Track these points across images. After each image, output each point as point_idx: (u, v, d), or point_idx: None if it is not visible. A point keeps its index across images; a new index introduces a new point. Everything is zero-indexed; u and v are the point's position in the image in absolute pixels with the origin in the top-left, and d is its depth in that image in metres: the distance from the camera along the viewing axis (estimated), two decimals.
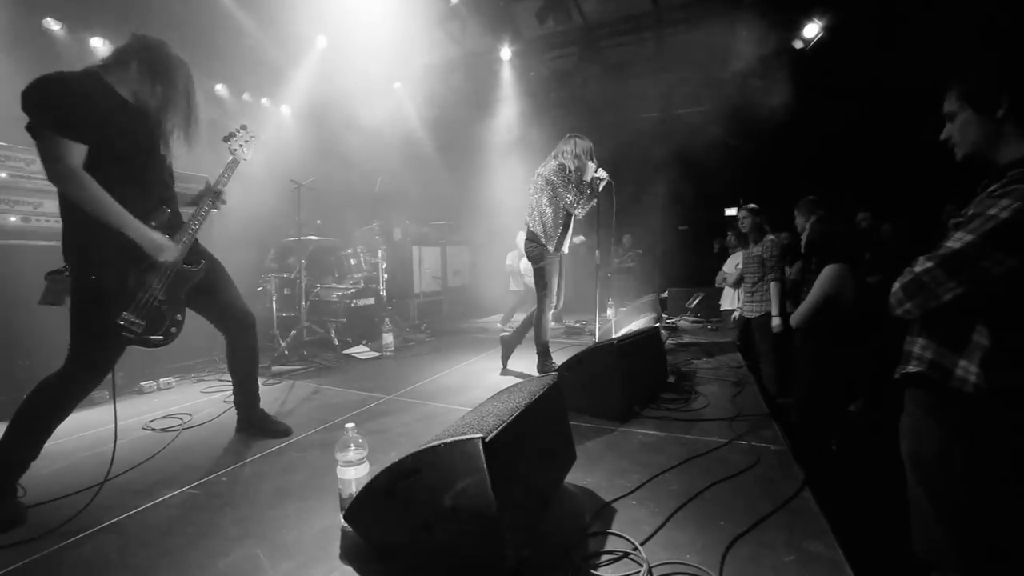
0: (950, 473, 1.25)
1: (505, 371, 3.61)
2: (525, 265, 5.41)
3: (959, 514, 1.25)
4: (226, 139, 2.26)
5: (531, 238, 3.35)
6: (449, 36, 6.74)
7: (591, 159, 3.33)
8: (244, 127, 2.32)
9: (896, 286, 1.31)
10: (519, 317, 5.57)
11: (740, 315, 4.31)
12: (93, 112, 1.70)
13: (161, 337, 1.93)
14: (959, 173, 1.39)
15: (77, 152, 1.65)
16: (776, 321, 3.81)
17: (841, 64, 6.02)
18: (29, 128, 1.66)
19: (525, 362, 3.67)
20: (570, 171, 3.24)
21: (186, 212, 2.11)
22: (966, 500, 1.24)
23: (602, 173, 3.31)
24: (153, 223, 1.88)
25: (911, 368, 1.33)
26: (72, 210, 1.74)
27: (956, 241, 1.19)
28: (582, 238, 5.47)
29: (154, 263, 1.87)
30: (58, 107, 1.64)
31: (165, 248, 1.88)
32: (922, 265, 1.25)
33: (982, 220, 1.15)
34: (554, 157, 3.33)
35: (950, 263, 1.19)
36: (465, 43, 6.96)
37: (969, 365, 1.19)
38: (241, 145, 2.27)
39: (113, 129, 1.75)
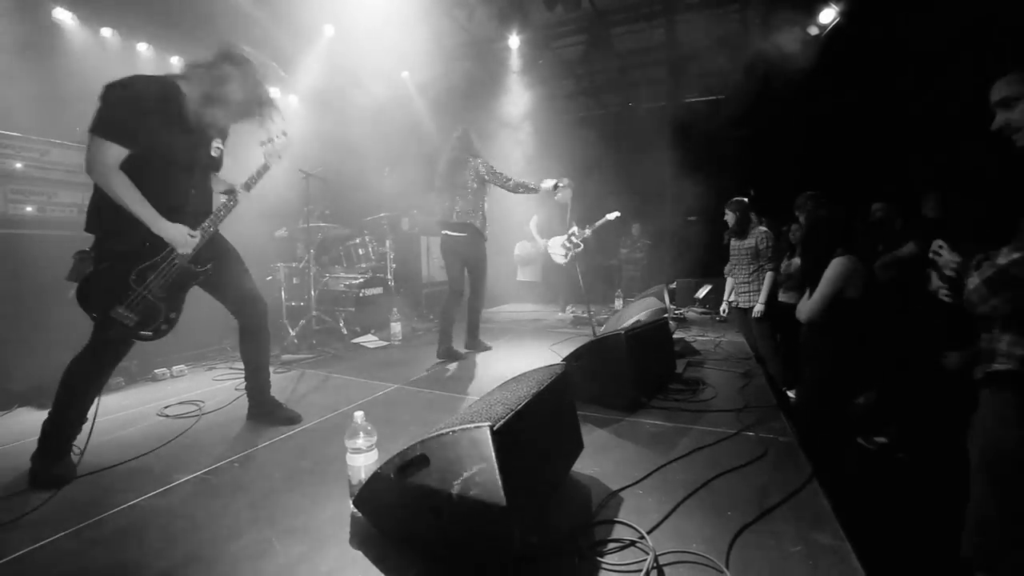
0: None
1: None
2: (552, 245, 5.67)
3: None
4: (263, 143, 2.27)
5: (475, 233, 3.58)
6: (457, 24, 6.67)
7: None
8: (284, 132, 2.30)
9: (976, 282, 1.22)
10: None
11: (735, 306, 4.31)
12: (146, 120, 1.81)
13: (150, 333, 1.99)
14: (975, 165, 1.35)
15: (115, 152, 1.78)
16: (759, 308, 3.84)
17: (857, 52, 5.88)
18: (92, 129, 1.78)
19: (536, 352, 3.67)
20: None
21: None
22: None
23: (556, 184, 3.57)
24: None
25: (998, 366, 1.26)
26: (98, 201, 1.87)
27: None
28: (617, 213, 5.72)
29: (156, 262, 1.95)
30: (111, 111, 1.77)
31: (184, 242, 1.97)
32: (1007, 256, 1.16)
33: None
34: (474, 157, 3.57)
35: None
36: (473, 31, 6.88)
37: None
38: (278, 152, 2.28)
39: (164, 138, 1.87)
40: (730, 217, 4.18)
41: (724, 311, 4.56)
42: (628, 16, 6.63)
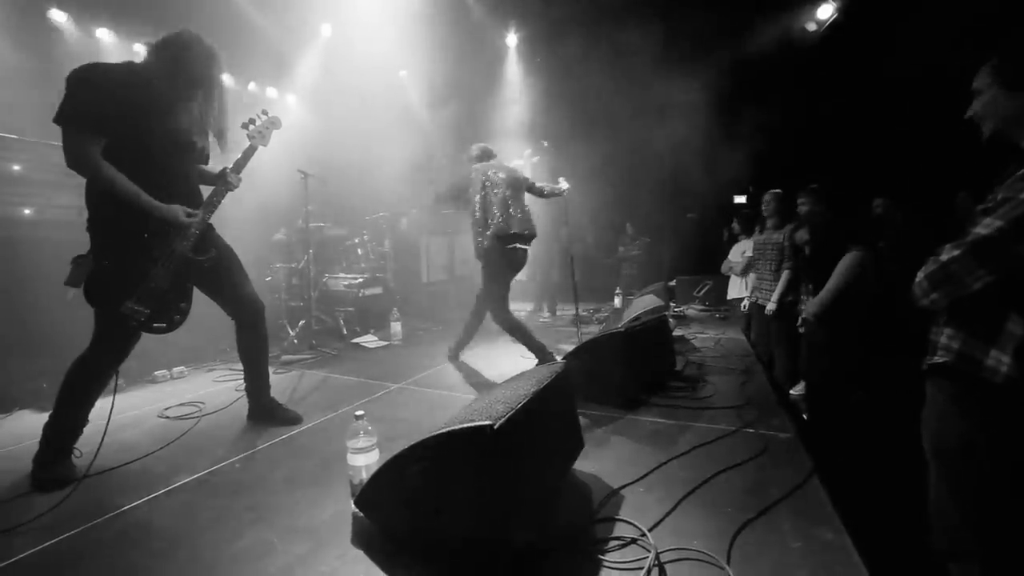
0: (974, 463, 1.23)
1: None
2: None
3: (982, 505, 1.23)
4: (244, 125, 2.28)
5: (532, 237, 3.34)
6: (455, 22, 6.66)
7: None
8: (264, 112, 2.34)
9: (921, 275, 1.27)
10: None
11: (755, 302, 4.21)
12: (114, 106, 1.79)
13: (164, 324, 1.99)
14: (978, 160, 1.37)
15: (94, 143, 1.77)
16: (771, 306, 3.78)
17: (853, 47, 5.88)
18: (56, 120, 1.75)
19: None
20: None
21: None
22: (990, 490, 1.22)
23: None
24: None
25: (937, 359, 1.30)
26: (92, 197, 1.86)
27: (985, 227, 1.15)
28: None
29: (160, 253, 1.93)
30: (80, 102, 1.76)
31: (181, 221, 1.96)
32: (948, 253, 1.20)
33: (1012, 205, 1.11)
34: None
35: (979, 250, 1.15)
36: (471, 29, 6.87)
37: (1001, 355, 1.15)
38: (260, 131, 2.29)
39: (136, 121, 1.84)
40: (770, 207, 3.98)
41: (745, 307, 4.43)
42: (627, 13, 6.61)
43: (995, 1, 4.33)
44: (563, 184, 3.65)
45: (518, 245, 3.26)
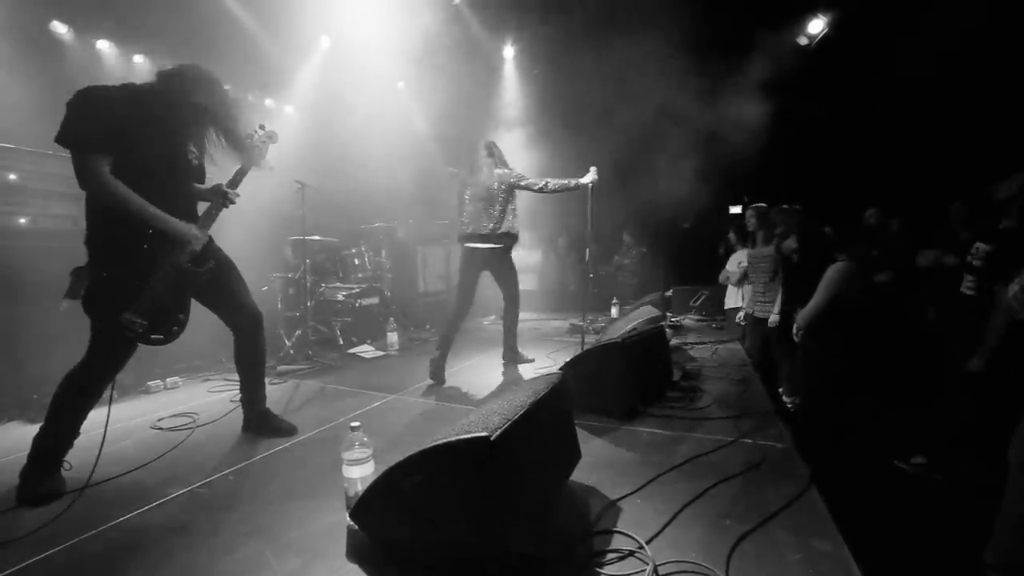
0: None
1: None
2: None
3: None
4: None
5: (513, 242, 3.51)
6: (452, 35, 6.74)
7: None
8: (262, 127, 2.35)
9: (1016, 288, 1.23)
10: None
11: (751, 314, 4.22)
12: (116, 126, 1.81)
13: (162, 336, 1.98)
14: (971, 171, 1.37)
15: (101, 162, 1.79)
16: (774, 318, 3.79)
17: (847, 58, 5.98)
18: (59, 140, 1.79)
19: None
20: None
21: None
22: None
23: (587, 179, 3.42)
24: None
25: None
26: (92, 210, 1.87)
27: None
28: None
29: (159, 265, 1.93)
30: (84, 123, 1.78)
31: (192, 236, 1.99)
32: None
33: None
34: (500, 166, 3.46)
35: None
36: (468, 41, 6.95)
37: None
38: (258, 146, 2.30)
39: (136, 140, 1.86)
40: (752, 222, 4.08)
41: (741, 319, 4.44)
42: (624, 23, 6.71)
43: (982, 14, 4.43)
44: (588, 176, 3.32)
45: (469, 244, 3.46)
